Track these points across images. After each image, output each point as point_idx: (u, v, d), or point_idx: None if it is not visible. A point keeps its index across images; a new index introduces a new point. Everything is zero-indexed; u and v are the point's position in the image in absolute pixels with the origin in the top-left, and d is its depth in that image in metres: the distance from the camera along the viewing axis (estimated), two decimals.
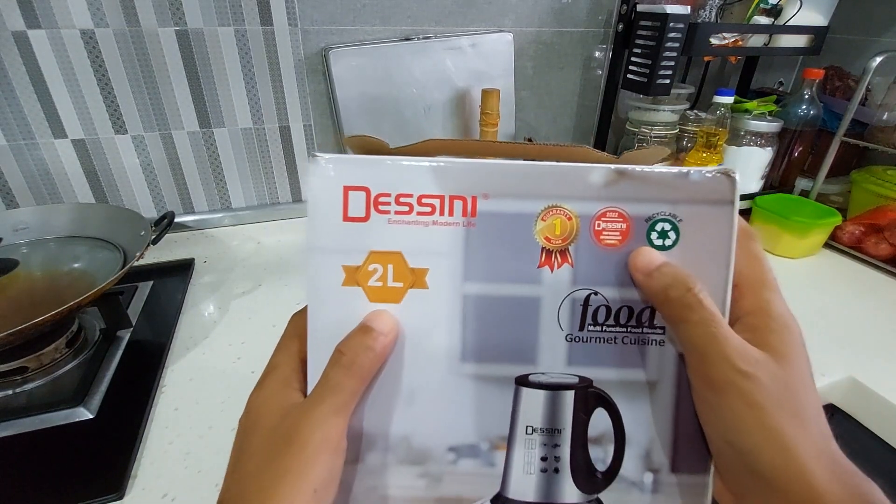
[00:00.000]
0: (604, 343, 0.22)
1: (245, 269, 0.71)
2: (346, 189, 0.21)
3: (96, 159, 0.71)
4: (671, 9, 0.72)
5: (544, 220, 0.22)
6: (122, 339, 0.55)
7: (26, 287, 0.53)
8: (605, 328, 0.22)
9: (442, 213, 0.21)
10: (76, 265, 0.57)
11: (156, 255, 0.72)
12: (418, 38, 0.78)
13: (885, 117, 0.79)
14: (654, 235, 0.22)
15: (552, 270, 0.22)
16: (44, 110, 0.66)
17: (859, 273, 0.74)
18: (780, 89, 1.02)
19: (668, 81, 0.78)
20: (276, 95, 0.76)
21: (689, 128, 0.85)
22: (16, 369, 0.48)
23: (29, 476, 0.40)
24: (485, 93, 0.79)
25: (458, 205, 0.21)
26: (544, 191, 0.21)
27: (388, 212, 0.21)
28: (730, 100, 0.78)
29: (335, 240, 0.21)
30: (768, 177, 0.87)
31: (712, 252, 0.21)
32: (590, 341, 0.22)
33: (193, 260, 0.72)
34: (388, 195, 0.21)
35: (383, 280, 0.22)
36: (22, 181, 0.69)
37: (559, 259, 0.22)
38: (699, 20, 0.80)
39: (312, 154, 0.21)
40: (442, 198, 0.21)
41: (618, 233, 0.22)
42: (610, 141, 0.98)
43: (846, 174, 0.85)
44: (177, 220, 0.76)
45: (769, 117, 0.82)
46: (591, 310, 0.22)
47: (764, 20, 0.80)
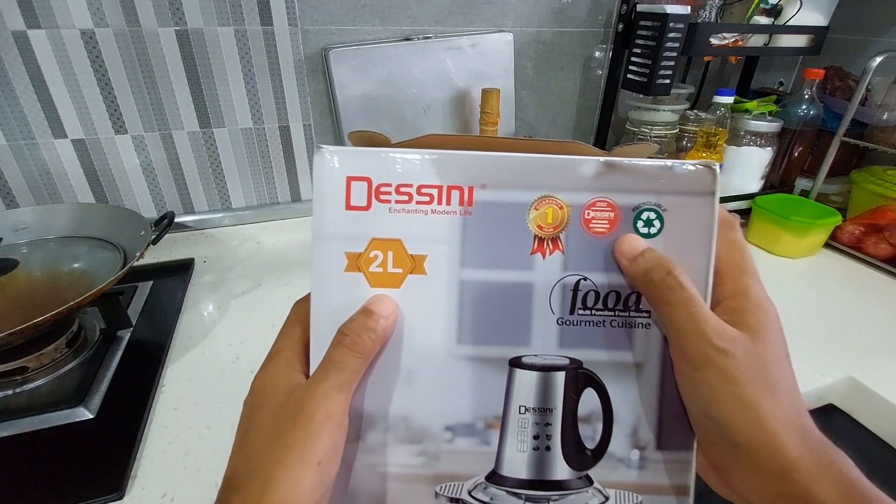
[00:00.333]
0: (593, 326, 0.23)
1: (245, 269, 0.71)
2: (349, 179, 0.22)
3: (96, 159, 0.71)
4: (671, 9, 0.72)
5: (537, 210, 0.22)
6: (122, 339, 0.55)
7: (26, 287, 0.53)
8: (594, 312, 0.23)
9: (440, 203, 0.22)
10: (76, 265, 0.57)
11: (156, 255, 0.72)
12: (418, 38, 0.78)
13: (885, 117, 0.79)
14: (640, 224, 0.23)
15: (544, 257, 0.23)
16: (44, 110, 0.66)
17: (859, 273, 0.74)
18: (780, 89, 1.02)
19: (668, 81, 0.78)
20: (276, 95, 0.76)
21: (689, 128, 0.85)
22: (16, 369, 0.48)
23: (29, 476, 0.40)
24: (485, 92, 0.79)
25: (455, 194, 0.22)
26: (537, 182, 0.22)
27: (388, 201, 0.22)
28: (730, 100, 0.78)
29: (338, 227, 0.22)
30: (768, 177, 0.87)
31: (694, 239, 0.22)
32: (580, 324, 0.23)
33: (193, 260, 0.72)
34: (389, 185, 0.22)
35: (384, 266, 0.23)
36: (22, 181, 0.69)
37: (551, 246, 0.23)
38: (699, 20, 0.80)
39: (317, 146, 0.22)
40: (440, 188, 0.22)
41: (606, 221, 0.23)
42: (610, 141, 0.98)
43: (846, 174, 0.85)
44: (177, 220, 0.76)
45: (769, 117, 0.82)
46: (580, 294, 0.23)
47: (764, 20, 0.80)
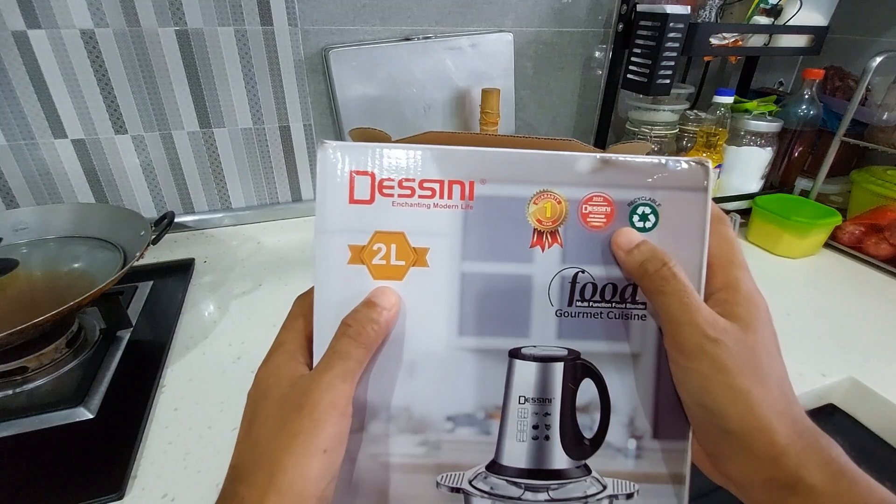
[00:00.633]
0: (591, 318, 0.24)
1: (245, 269, 0.71)
2: (353, 174, 0.22)
3: (96, 159, 0.71)
4: (671, 9, 0.72)
5: (536, 204, 0.23)
6: (122, 339, 0.55)
7: (26, 287, 0.53)
8: (591, 304, 0.24)
9: (442, 197, 0.23)
10: (76, 265, 0.57)
11: (156, 255, 0.72)
12: (418, 38, 0.78)
13: (885, 117, 0.79)
14: (636, 218, 0.23)
15: (543, 250, 0.23)
16: (44, 110, 0.66)
17: (859, 273, 0.74)
18: (780, 89, 1.02)
19: (668, 81, 0.78)
20: (276, 95, 0.76)
21: (689, 128, 0.85)
22: (16, 369, 0.48)
23: (29, 476, 0.40)
24: (485, 92, 0.79)
25: (456, 189, 0.23)
26: (536, 177, 0.23)
27: (391, 195, 0.23)
28: (730, 100, 0.78)
29: (342, 221, 0.23)
30: (768, 177, 0.87)
31: (688, 233, 0.23)
32: (578, 316, 0.24)
33: (193, 260, 0.72)
34: (392, 180, 0.23)
35: (387, 259, 0.23)
36: (22, 181, 0.69)
37: (550, 240, 0.23)
38: (699, 20, 0.80)
39: (321, 141, 0.22)
40: (442, 182, 0.23)
41: (603, 216, 0.23)
42: (610, 141, 0.98)
43: (846, 174, 0.85)
44: (177, 220, 0.76)
45: (769, 117, 0.82)
46: (578, 286, 0.24)
47: (764, 20, 0.80)
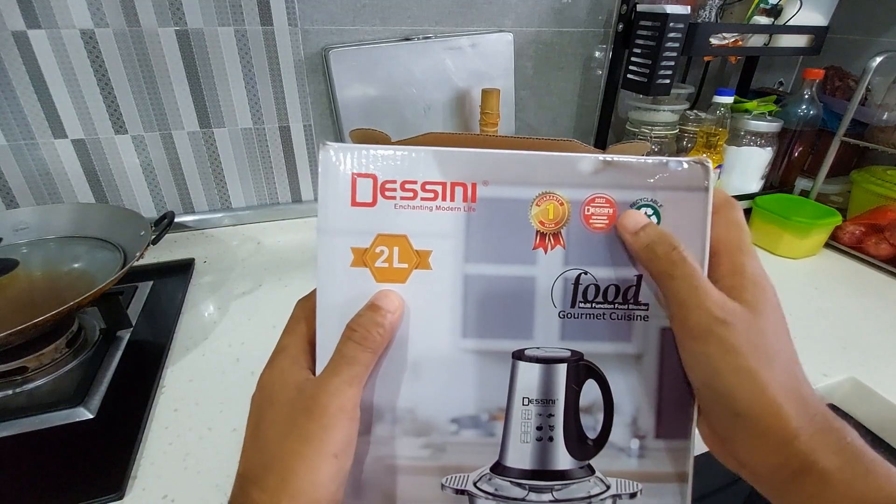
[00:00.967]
0: (593, 319, 0.24)
1: (245, 269, 0.71)
2: (355, 176, 0.22)
3: (96, 159, 0.71)
4: (671, 9, 0.72)
5: (539, 206, 0.23)
6: (122, 340, 0.55)
7: (26, 287, 0.53)
8: (594, 305, 0.24)
9: (444, 199, 0.23)
10: (76, 265, 0.57)
11: (156, 255, 0.72)
12: (418, 38, 0.78)
13: (885, 117, 0.79)
14: None
15: (546, 252, 0.23)
16: (44, 110, 0.66)
17: (860, 273, 0.74)
18: (780, 89, 1.02)
19: (668, 81, 0.78)
20: (276, 95, 0.76)
21: (689, 128, 0.85)
22: (16, 369, 0.48)
23: (29, 476, 0.40)
24: (485, 93, 0.79)
25: (459, 191, 0.23)
26: (538, 178, 0.23)
27: (394, 197, 0.23)
28: (730, 100, 0.78)
29: (344, 223, 0.23)
30: (768, 177, 0.87)
31: (689, 233, 0.23)
32: (581, 317, 0.24)
33: (193, 260, 0.72)
34: (394, 182, 0.22)
35: (389, 261, 0.23)
36: (22, 181, 0.69)
37: (552, 241, 0.23)
38: (699, 20, 0.80)
39: (323, 143, 0.22)
40: (444, 184, 0.23)
41: (605, 217, 0.23)
42: (610, 141, 0.98)
43: (846, 174, 0.85)
44: (177, 220, 0.76)
45: (769, 117, 0.82)
46: (581, 288, 0.24)
47: (764, 20, 0.80)
